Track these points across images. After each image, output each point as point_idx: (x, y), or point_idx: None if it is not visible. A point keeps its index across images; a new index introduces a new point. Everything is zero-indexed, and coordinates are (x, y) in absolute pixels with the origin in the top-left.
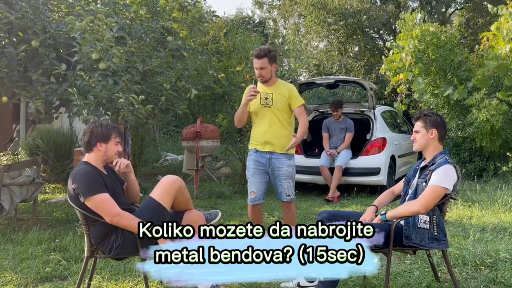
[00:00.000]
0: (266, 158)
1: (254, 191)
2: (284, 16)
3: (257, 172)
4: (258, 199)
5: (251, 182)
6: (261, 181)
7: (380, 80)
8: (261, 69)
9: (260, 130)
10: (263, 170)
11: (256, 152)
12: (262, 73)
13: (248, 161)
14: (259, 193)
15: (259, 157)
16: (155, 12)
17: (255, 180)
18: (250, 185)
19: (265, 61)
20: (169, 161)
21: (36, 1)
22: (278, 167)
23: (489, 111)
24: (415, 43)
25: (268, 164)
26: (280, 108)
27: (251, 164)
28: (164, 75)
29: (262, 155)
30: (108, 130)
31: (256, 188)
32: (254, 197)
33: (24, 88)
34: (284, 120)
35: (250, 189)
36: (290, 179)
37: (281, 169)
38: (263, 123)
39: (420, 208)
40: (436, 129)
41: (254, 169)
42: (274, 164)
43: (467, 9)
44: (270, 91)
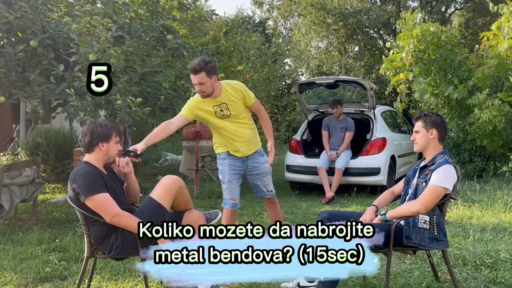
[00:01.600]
0: (242, 160)
1: (234, 197)
2: (283, 16)
3: (234, 177)
4: (238, 203)
5: (230, 188)
6: (238, 185)
7: (380, 80)
8: (200, 84)
9: (228, 139)
10: (240, 173)
11: (229, 155)
12: (203, 88)
13: (222, 165)
14: (238, 198)
15: (234, 161)
16: (154, 11)
17: (234, 186)
18: (229, 191)
19: (202, 75)
20: (169, 161)
21: (35, 1)
22: (256, 166)
23: (491, 111)
24: (416, 43)
25: (244, 166)
26: (239, 113)
27: (226, 168)
28: (164, 74)
29: (236, 158)
30: (108, 129)
31: (236, 193)
32: (235, 202)
33: (22, 88)
34: (246, 122)
35: (229, 195)
36: (269, 174)
37: (259, 168)
38: (228, 133)
39: (420, 208)
40: (436, 129)
41: (231, 174)
42: (251, 164)
43: (467, 9)
44: (221, 101)
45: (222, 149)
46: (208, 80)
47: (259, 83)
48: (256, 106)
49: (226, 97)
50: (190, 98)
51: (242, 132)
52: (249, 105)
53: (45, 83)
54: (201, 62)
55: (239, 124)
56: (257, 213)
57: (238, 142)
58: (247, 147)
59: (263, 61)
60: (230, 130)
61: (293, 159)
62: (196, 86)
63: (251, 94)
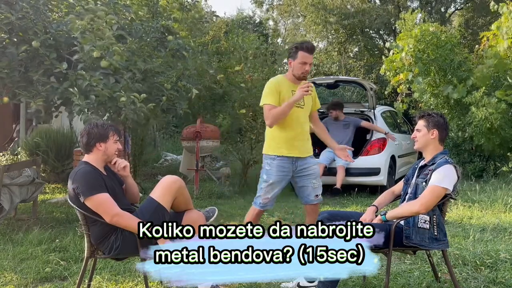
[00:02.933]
0: (292, 161)
1: (268, 197)
2: (283, 16)
3: (279, 179)
4: (270, 204)
5: (270, 189)
6: (281, 188)
7: (380, 80)
8: (310, 64)
9: (291, 134)
10: (287, 176)
11: (279, 157)
12: (308, 69)
13: (270, 165)
14: (272, 199)
15: (283, 162)
16: (155, 11)
17: (276, 187)
18: (268, 190)
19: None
20: (169, 161)
21: (36, 2)
22: (305, 167)
23: (488, 109)
24: (415, 43)
25: (293, 167)
26: (309, 108)
27: (274, 170)
28: (165, 75)
29: (286, 159)
30: (104, 129)
31: (272, 194)
32: (266, 203)
33: (25, 88)
34: (308, 122)
35: (266, 194)
36: (319, 177)
37: (309, 169)
38: (294, 126)
39: (420, 208)
40: (438, 130)
41: (278, 176)
42: (301, 165)
43: (467, 9)
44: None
45: (273, 151)
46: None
47: (259, 83)
48: (316, 115)
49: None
50: (266, 86)
51: (305, 130)
52: (314, 109)
53: (48, 83)
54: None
55: (306, 120)
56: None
57: (299, 139)
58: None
59: (262, 61)
60: (299, 121)
61: None
62: (306, 66)
63: (317, 100)
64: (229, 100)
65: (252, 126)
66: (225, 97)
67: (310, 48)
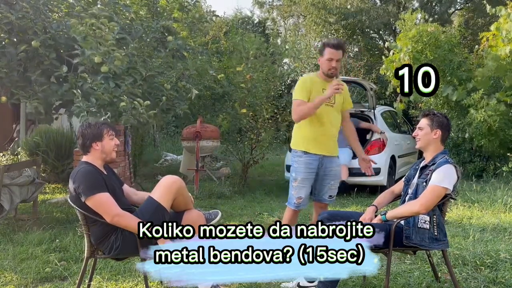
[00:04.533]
0: (319, 158)
1: (302, 196)
2: (283, 16)
3: (308, 176)
4: (304, 204)
5: (300, 187)
6: (310, 185)
7: (380, 80)
8: (337, 61)
9: (319, 131)
10: (314, 173)
11: (306, 154)
12: (337, 66)
13: (297, 163)
14: (305, 198)
15: (311, 160)
16: (155, 12)
17: (305, 185)
18: (299, 189)
19: (341, 53)
20: (169, 161)
21: (36, 2)
22: (330, 167)
23: (486, 111)
24: (413, 44)
25: (320, 164)
26: (339, 107)
27: (302, 167)
28: (165, 76)
29: (314, 156)
30: (97, 128)
31: (305, 193)
32: (300, 202)
33: (23, 88)
34: (339, 122)
35: (298, 193)
36: (337, 179)
37: (332, 169)
38: (323, 123)
39: (420, 208)
40: (441, 131)
41: (306, 172)
42: (326, 164)
43: (467, 9)
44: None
45: (301, 146)
46: (341, 60)
47: (259, 83)
48: (347, 115)
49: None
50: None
51: (335, 128)
52: (345, 108)
53: (46, 84)
54: (342, 41)
55: (336, 119)
56: (257, 213)
57: (326, 137)
58: (332, 147)
59: (263, 61)
60: (329, 118)
61: None
62: (332, 62)
63: (350, 100)
64: (229, 100)
65: (252, 126)
66: (225, 97)
67: (337, 45)
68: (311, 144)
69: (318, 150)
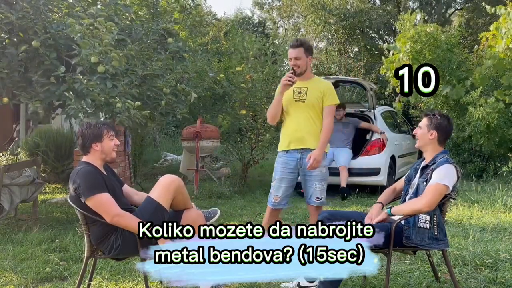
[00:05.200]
0: (297, 158)
1: (278, 195)
2: (283, 17)
3: (285, 176)
4: (281, 203)
5: (277, 186)
6: (288, 185)
7: (380, 80)
8: (296, 59)
9: (292, 127)
10: (292, 173)
11: (286, 153)
12: (297, 63)
13: (277, 163)
14: (283, 198)
15: (288, 159)
16: (155, 13)
17: (282, 185)
18: (276, 189)
19: (300, 50)
20: (169, 161)
21: (37, 1)
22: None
23: (485, 109)
24: (412, 44)
25: (298, 165)
26: (315, 104)
27: (279, 166)
28: (164, 78)
29: (292, 155)
30: (98, 128)
31: (281, 192)
32: (277, 201)
33: (25, 89)
34: (317, 117)
35: (275, 192)
36: (323, 180)
37: (314, 170)
38: (294, 120)
39: (423, 206)
40: (437, 132)
41: (282, 172)
42: (306, 164)
43: (467, 9)
44: (304, 85)
45: (281, 147)
46: (304, 57)
47: (259, 83)
48: (329, 110)
49: (311, 84)
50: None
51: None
52: (325, 104)
53: (47, 84)
54: (302, 39)
55: (309, 115)
56: (257, 213)
57: (300, 132)
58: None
59: (263, 61)
60: (297, 115)
61: None
62: (291, 60)
63: (334, 98)
64: (229, 100)
65: (252, 126)
66: (225, 97)
67: (293, 44)
68: (284, 142)
69: (294, 145)
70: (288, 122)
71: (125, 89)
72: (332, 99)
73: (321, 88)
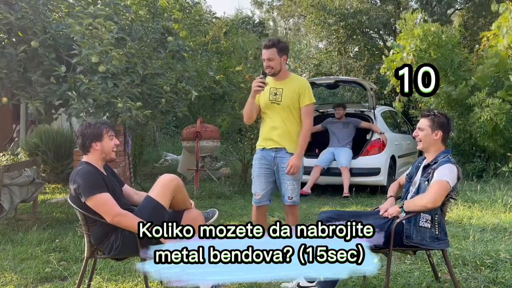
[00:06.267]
0: (272, 156)
1: (258, 192)
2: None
3: (262, 172)
4: (263, 199)
5: (255, 183)
6: (266, 181)
7: (380, 80)
8: (269, 60)
9: (267, 127)
10: (269, 169)
11: (262, 150)
12: (271, 64)
13: (254, 160)
14: (264, 194)
15: (264, 156)
16: (155, 12)
17: (260, 180)
18: (255, 185)
19: (273, 51)
20: (169, 161)
21: (36, 2)
22: (283, 167)
23: (492, 110)
24: (417, 43)
25: (273, 162)
26: (290, 105)
27: (256, 163)
28: (164, 77)
29: (267, 153)
30: (97, 128)
31: (261, 188)
32: (259, 198)
33: (24, 88)
34: (293, 118)
35: (254, 189)
36: (294, 180)
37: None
38: (271, 121)
39: (428, 202)
40: (442, 131)
41: (259, 168)
42: (279, 163)
43: (467, 9)
44: (280, 86)
45: (259, 145)
46: (277, 58)
47: None
48: (306, 111)
49: (286, 84)
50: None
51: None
52: (301, 105)
53: (47, 84)
54: (275, 39)
55: (286, 115)
56: None
57: (275, 132)
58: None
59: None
60: (274, 116)
61: None
62: (265, 61)
63: (310, 97)
64: (229, 100)
65: (252, 126)
66: (225, 97)
67: (265, 45)
68: (261, 140)
69: (269, 145)
70: (265, 122)
71: (126, 88)
72: (308, 98)
73: (296, 88)
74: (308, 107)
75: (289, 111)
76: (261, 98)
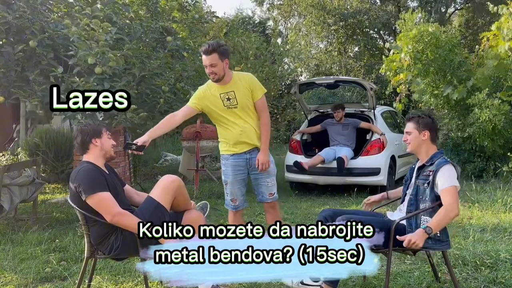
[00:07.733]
0: (246, 159)
1: (235, 198)
2: (284, 16)
3: (237, 178)
4: (241, 205)
5: (231, 190)
6: (241, 186)
7: (380, 80)
8: (212, 66)
9: (235, 132)
10: (243, 173)
11: (232, 156)
12: (214, 70)
13: (225, 166)
14: (241, 199)
15: (237, 161)
16: (154, 11)
17: (236, 187)
18: (231, 192)
19: (215, 56)
20: (169, 161)
21: (34, 1)
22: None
23: (491, 110)
24: (414, 44)
25: (248, 164)
26: (247, 103)
27: (230, 170)
28: (163, 77)
29: (240, 157)
30: (97, 125)
31: (239, 194)
32: (237, 204)
33: (21, 88)
34: (253, 114)
35: (230, 196)
36: (273, 175)
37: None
38: (234, 126)
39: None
40: (429, 131)
41: (235, 175)
42: (255, 163)
43: (467, 9)
44: (229, 89)
45: (226, 150)
46: (220, 63)
47: None
48: (260, 104)
49: (235, 85)
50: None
51: (249, 125)
52: (255, 99)
53: (44, 83)
54: (214, 43)
55: (247, 116)
56: (257, 213)
57: (244, 135)
58: (253, 138)
59: (262, 61)
60: (236, 122)
61: (293, 159)
62: (207, 68)
63: (261, 88)
64: None
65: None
66: None
67: (205, 50)
68: (232, 145)
69: (241, 149)
70: (228, 128)
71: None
72: (260, 90)
73: (246, 86)
74: (262, 100)
75: (247, 109)
76: (214, 107)
